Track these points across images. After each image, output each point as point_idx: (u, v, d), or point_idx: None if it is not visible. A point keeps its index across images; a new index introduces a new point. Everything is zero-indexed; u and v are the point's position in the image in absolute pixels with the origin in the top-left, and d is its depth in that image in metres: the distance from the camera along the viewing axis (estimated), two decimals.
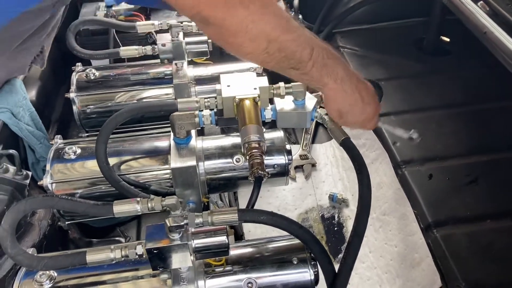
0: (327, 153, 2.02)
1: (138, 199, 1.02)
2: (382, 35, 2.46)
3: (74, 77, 1.69)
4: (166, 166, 1.35)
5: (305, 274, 1.13)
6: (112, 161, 1.29)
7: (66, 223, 1.43)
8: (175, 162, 1.23)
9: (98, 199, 1.19)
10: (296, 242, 1.19)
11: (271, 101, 1.27)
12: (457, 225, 1.50)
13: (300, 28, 1.00)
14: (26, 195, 1.41)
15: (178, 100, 1.27)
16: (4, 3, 1.12)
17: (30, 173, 1.44)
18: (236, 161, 1.35)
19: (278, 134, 1.41)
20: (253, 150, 1.08)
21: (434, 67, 2.22)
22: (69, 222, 1.44)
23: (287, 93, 1.23)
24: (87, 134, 1.72)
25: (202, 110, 1.24)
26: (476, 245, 1.44)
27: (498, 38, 1.38)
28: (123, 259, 1.00)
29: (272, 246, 1.21)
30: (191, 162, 1.23)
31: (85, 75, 1.69)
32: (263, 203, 1.80)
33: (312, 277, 1.12)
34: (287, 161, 1.37)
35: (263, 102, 1.23)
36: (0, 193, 1.34)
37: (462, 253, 1.42)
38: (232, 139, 1.41)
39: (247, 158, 1.09)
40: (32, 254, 1.03)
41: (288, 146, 1.39)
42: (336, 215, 1.79)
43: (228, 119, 1.25)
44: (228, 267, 1.12)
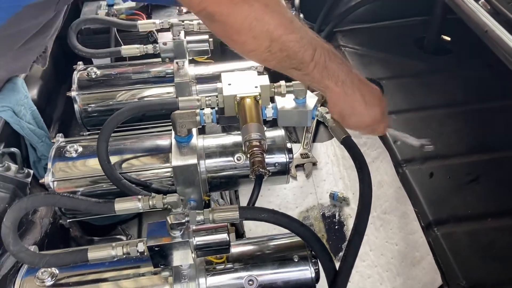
0: (328, 152, 2.02)
1: (140, 196, 1.02)
2: (383, 34, 2.46)
3: (76, 76, 1.70)
4: (167, 165, 1.35)
5: (306, 271, 1.13)
6: (113, 159, 1.30)
7: (67, 221, 1.43)
8: (176, 161, 1.23)
9: (99, 197, 1.19)
10: (297, 240, 1.19)
11: (272, 100, 1.27)
12: (458, 223, 1.50)
13: (303, 28, 1.00)
14: (28, 193, 1.42)
15: (179, 98, 1.27)
16: None
17: (31, 172, 1.45)
18: (237, 160, 1.35)
19: (279, 133, 1.42)
20: (254, 148, 1.08)
21: (435, 66, 2.22)
22: (70, 220, 1.44)
23: (288, 92, 1.23)
24: (89, 133, 1.72)
25: (203, 109, 1.25)
26: (477, 243, 1.44)
27: (499, 36, 1.38)
28: (124, 256, 1.00)
29: (273, 244, 1.21)
30: (192, 161, 1.23)
31: (86, 73, 1.70)
32: (264, 201, 1.81)
33: (313, 274, 1.13)
34: (288, 160, 1.37)
35: (264, 100, 1.24)
36: (2, 191, 1.35)
37: (463, 251, 1.42)
38: (233, 138, 1.41)
39: (248, 156, 1.09)
40: (34, 251, 1.03)
41: (289, 145, 1.39)
42: (337, 214, 1.79)
43: (229, 117, 1.25)
44: (229, 265, 1.12)
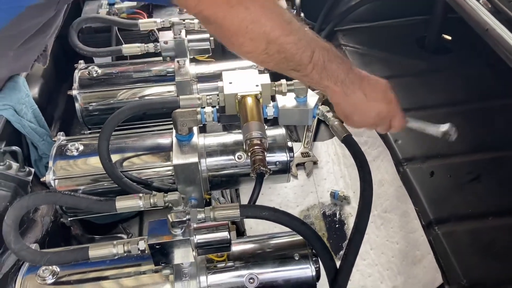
0: (329, 151, 2.02)
1: (141, 194, 1.02)
2: (384, 33, 2.45)
3: (77, 75, 1.70)
4: (168, 163, 1.35)
5: (306, 270, 1.13)
6: (114, 157, 1.30)
7: (68, 219, 1.43)
8: (177, 159, 1.23)
9: (100, 195, 1.19)
10: (297, 239, 1.19)
11: (273, 98, 1.27)
12: (459, 222, 1.50)
13: (301, 30, 0.99)
14: (29, 192, 1.42)
15: (180, 97, 1.27)
16: None
17: (33, 170, 1.44)
18: (238, 158, 1.36)
19: (280, 131, 1.42)
20: (255, 147, 1.08)
21: (435, 65, 2.21)
22: (71, 219, 1.44)
23: (289, 90, 1.23)
24: (90, 131, 1.72)
25: (204, 107, 1.25)
26: (477, 242, 1.44)
27: (500, 35, 1.38)
28: (125, 254, 1.01)
29: (274, 242, 1.21)
30: (193, 159, 1.23)
31: (87, 72, 1.70)
32: (265, 200, 1.81)
33: (314, 273, 1.13)
34: (288, 158, 1.38)
35: (265, 99, 1.24)
36: (3, 190, 1.35)
37: (464, 250, 1.42)
38: (234, 136, 1.41)
39: (249, 154, 1.09)
40: (35, 249, 1.03)
41: (289, 143, 1.39)
42: (338, 212, 1.79)
43: (230, 116, 1.25)
44: (230, 263, 1.13)
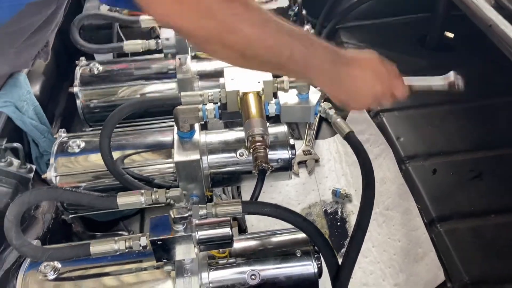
0: (330, 149, 2.01)
1: (142, 191, 1.01)
2: (386, 31, 2.45)
3: (78, 72, 1.70)
4: (170, 160, 1.35)
5: (308, 267, 1.13)
6: (115, 154, 1.29)
7: (69, 216, 1.44)
8: (179, 156, 1.23)
9: (101, 192, 1.18)
10: (299, 235, 1.19)
11: (275, 95, 1.27)
12: (461, 220, 1.49)
13: (278, 30, 0.93)
14: (30, 189, 1.41)
15: (182, 93, 1.27)
16: None
17: (34, 167, 1.44)
18: (240, 155, 1.35)
19: (282, 129, 1.41)
20: (257, 143, 1.08)
21: (437, 63, 2.20)
22: (72, 216, 1.45)
23: (291, 87, 1.23)
24: (91, 129, 1.72)
25: (205, 104, 1.24)
26: (480, 239, 1.44)
27: (504, 31, 1.37)
28: (127, 250, 1.00)
29: (276, 239, 1.21)
30: (195, 156, 1.23)
31: (88, 69, 1.70)
32: (266, 198, 1.80)
33: (316, 269, 1.12)
34: (290, 156, 1.37)
35: (267, 96, 1.23)
36: (4, 186, 1.35)
37: (466, 247, 1.42)
38: (236, 134, 1.41)
39: (251, 151, 1.09)
40: (37, 245, 1.03)
41: (291, 141, 1.39)
42: (339, 210, 1.79)
43: (231, 113, 1.25)
44: (232, 259, 1.12)
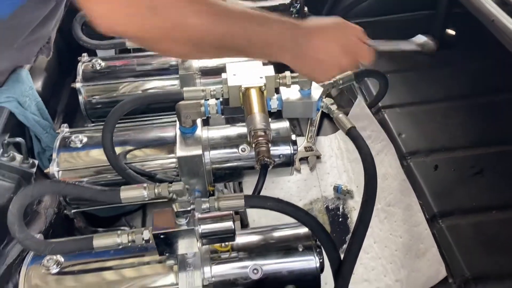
0: (332, 145, 2.02)
1: (145, 184, 1.01)
2: (387, 28, 2.43)
3: (80, 67, 1.70)
4: (172, 155, 1.35)
5: (310, 261, 1.13)
6: (118, 150, 1.29)
7: (72, 211, 1.44)
8: (181, 151, 1.23)
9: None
10: (301, 230, 1.19)
11: (277, 91, 1.27)
12: (463, 215, 1.49)
13: (229, 18, 0.91)
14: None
15: (184, 89, 1.27)
16: None
17: (36, 162, 1.44)
18: (242, 151, 1.36)
19: (284, 124, 1.42)
20: (259, 138, 1.08)
21: (439, 60, 2.20)
22: (75, 211, 1.45)
23: (293, 83, 1.23)
24: (93, 124, 1.72)
25: (208, 100, 1.25)
26: (481, 235, 1.44)
27: (507, 26, 1.37)
28: (129, 244, 1.00)
29: (278, 233, 1.21)
30: (197, 151, 1.23)
31: (91, 65, 1.70)
32: (268, 194, 1.75)
33: (318, 264, 1.13)
34: (292, 151, 1.37)
35: (269, 91, 1.23)
36: (7, 181, 1.35)
37: (468, 243, 1.42)
38: (238, 129, 1.41)
39: (253, 146, 1.09)
40: (40, 239, 1.03)
41: (293, 136, 1.39)
42: (341, 206, 1.79)
43: (234, 108, 1.25)
44: (234, 254, 1.12)
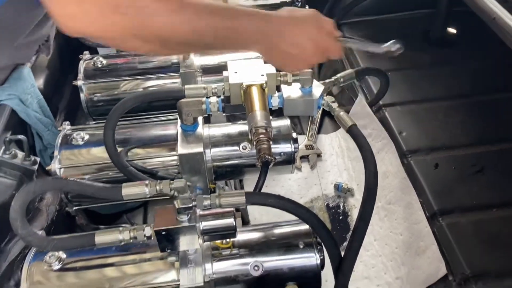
0: (333, 144, 2.02)
1: (147, 181, 1.02)
2: (389, 26, 2.44)
3: (82, 65, 1.70)
4: (173, 153, 1.36)
5: (311, 258, 1.14)
6: (119, 147, 1.30)
7: (73, 208, 1.44)
8: (182, 149, 1.24)
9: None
10: (302, 227, 1.19)
11: (278, 89, 1.27)
12: (463, 213, 1.49)
13: (196, 15, 0.90)
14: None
15: (186, 86, 1.27)
16: None
17: (38, 159, 1.45)
18: (243, 149, 1.36)
19: (285, 122, 1.42)
20: (260, 136, 1.09)
21: (440, 59, 2.21)
22: (76, 208, 1.45)
23: (294, 80, 1.23)
24: (95, 122, 1.73)
25: (209, 97, 1.25)
26: (482, 233, 1.44)
27: (508, 23, 1.37)
28: (131, 241, 1.01)
29: (279, 230, 1.21)
30: (198, 149, 1.24)
31: (92, 63, 1.70)
32: (269, 191, 1.77)
33: (318, 261, 1.13)
34: (293, 149, 1.38)
35: (270, 89, 1.24)
36: (9, 178, 1.36)
37: (468, 241, 1.42)
38: (239, 127, 1.41)
39: (254, 143, 1.09)
40: (42, 235, 1.04)
41: (294, 134, 1.39)
42: (341, 204, 1.79)
43: (235, 106, 1.25)
44: (235, 251, 1.13)
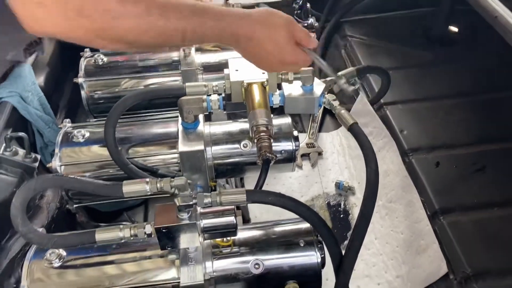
0: (334, 142, 2.02)
1: (147, 179, 1.02)
2: (390, 24, 2.44)
3: (83, 63, 1.70)
4: (174, 150, 1.36)
5: (312, 256, 1.14)
6: (120, 145, 1.30)
7: (74, 206, 1.44)
8: (183, 146, 1.23)
9: None
10: (303, 226, 1.19)
11: (279, 87, 1.27)
12: (464, 212, 1.49)
13: (162, 17, 0.89)
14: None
15: (187, 84, 1.27)
16: None
17: (39, 156, 1.45)
18: (244, 147, 1.36)
19: (286, 120, 1.42)
20: (261, 133, 1.08)
21: (442, 57, 2.20)
22: (77, 205, 1.45)
23: (295, 78, 1.23)
24: (95, 120, 1.73)
25: (210, 95, 1.25)
26: (482, 232, 1.44)
27: (510, 22, 1.37)
28: (132, 238, 1.01)
29: (279, 229, 1.21)
30: (199, 147, 1.23)
31: (93, 60, 1.70)
32: (270, 189, 1.79)
33: (319, 259, 1.13)
34: (294, 147, 1.38)
35: (271, 87, 1.23)
36: (10, 175, 1.36)
37: (469, 239, 1.42)
38: (239, 125, 1.41)
39: (255, 141, 1.09)
40: (42, 232, 1.04)
41: (295, 132, 1.39)
42: (342, 203, 1.79)
43: (236, 104, 1.25)
44: (236, 249, 1.13)
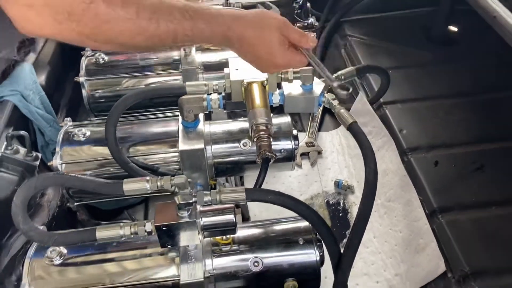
0: (333, 141, 2.02)
1: (148, 177, 1.02)
2: (390, 24, 2.45)
3: (84, 62, 1.71)
4: (174, 149, 1.36)
5: (311, 255, 1.14)
6: (120, 143, 1.31)
7: (74, 204, 1.45)
8: (183, 145, 1.24)
9: None
10: (302, 224, 1.20)
11: (279, 86, 1.28)
12: (463, 211, 1.50)
13: (152, 21, 0.89)
14: None
15: (187, 83, 1.28)
16: None
17: (40, 155, 1.46)
18: (243, 145, 1.37)
19: (285, 119, 1.43)
20: (261, 132, 1.09)
21: (441, 57, 2.21)
22: (78, 204, 1.46)
23: (295, 78, 1.24)
24: (96, 118, 1.74)
25: (210, 94, 1.26)
26: (481, 231, 1.45)
27: (509, 22, 1.37)
28: (132, 236, 1.02)
29: (278, 227, 1.22)
30: (199, 145, 1.24)
31: (94, 59, 1.71)
32: (269, 188, 1.81)
33: (318, 257, 1.14)
34: (293, 146, 1.38)
35: (271, 86, 1.24)
36: (11, 174, 1.37)
37: (467, 238, 1.42)
38: (239, 124, 1.42)
39: (255, 140, 1.10)
40: (43, 230, 1.05)
41: (295, 131, 1.40)
42: (341, 201, 1.80)
43: (236, 103, 1.26)
44: (235, 247, 1.14)
